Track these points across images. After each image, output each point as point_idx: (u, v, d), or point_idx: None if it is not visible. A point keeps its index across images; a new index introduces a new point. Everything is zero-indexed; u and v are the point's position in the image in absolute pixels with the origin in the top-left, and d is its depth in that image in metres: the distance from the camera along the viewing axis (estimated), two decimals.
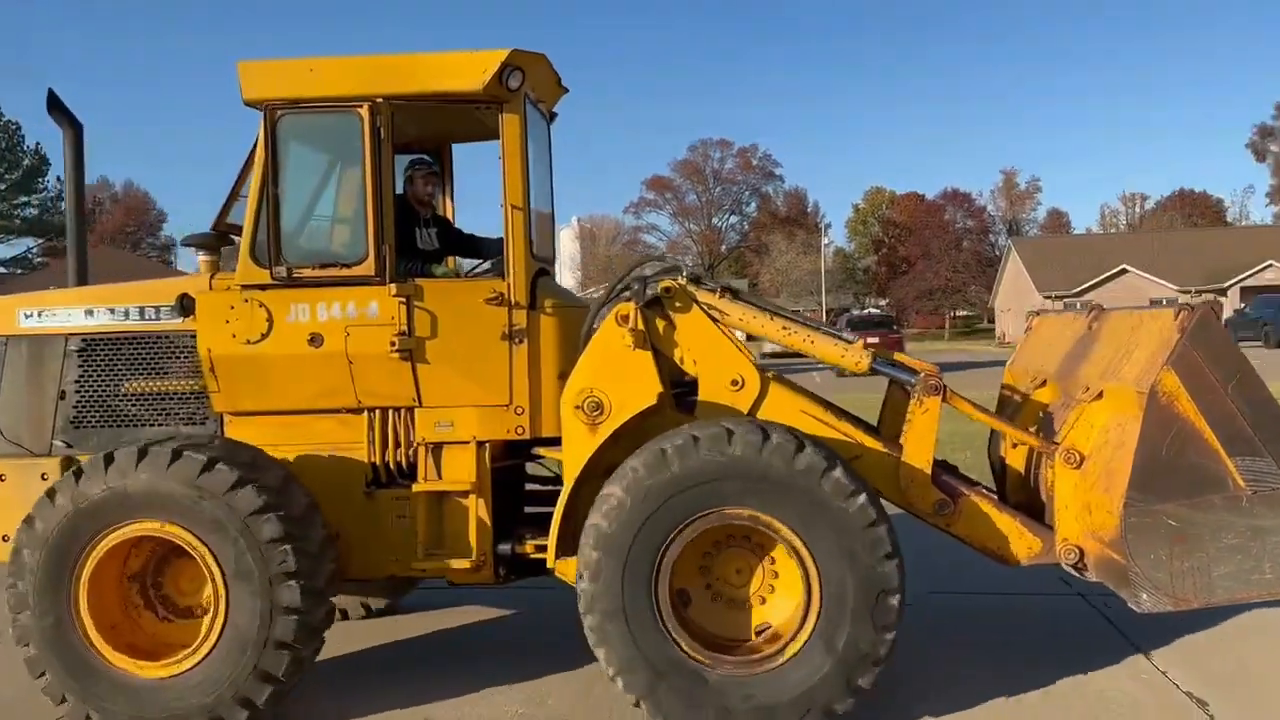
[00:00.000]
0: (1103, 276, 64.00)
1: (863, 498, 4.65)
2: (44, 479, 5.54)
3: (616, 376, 5.22)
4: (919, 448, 5.14)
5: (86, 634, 4.99)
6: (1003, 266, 74.93)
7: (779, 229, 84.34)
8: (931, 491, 5.15)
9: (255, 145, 5.55)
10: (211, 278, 5.58)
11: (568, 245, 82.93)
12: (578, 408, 5.21)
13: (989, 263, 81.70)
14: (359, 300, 5.39)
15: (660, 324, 5.33)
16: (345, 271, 5.41)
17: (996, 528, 5.11)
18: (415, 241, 5.92)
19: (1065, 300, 59.49)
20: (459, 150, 6.97)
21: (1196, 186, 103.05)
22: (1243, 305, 52.06)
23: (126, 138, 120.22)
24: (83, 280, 6.14)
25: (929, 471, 5.15)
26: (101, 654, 4.99)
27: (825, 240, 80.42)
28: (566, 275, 73.87)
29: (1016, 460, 5.69)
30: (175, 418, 5.64)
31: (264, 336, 5.42)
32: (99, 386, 5.65)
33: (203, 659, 4.95)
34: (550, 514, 6.02)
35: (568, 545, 5.20)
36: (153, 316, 5.62)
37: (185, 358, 5.59)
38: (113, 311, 5.65)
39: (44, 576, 4.97)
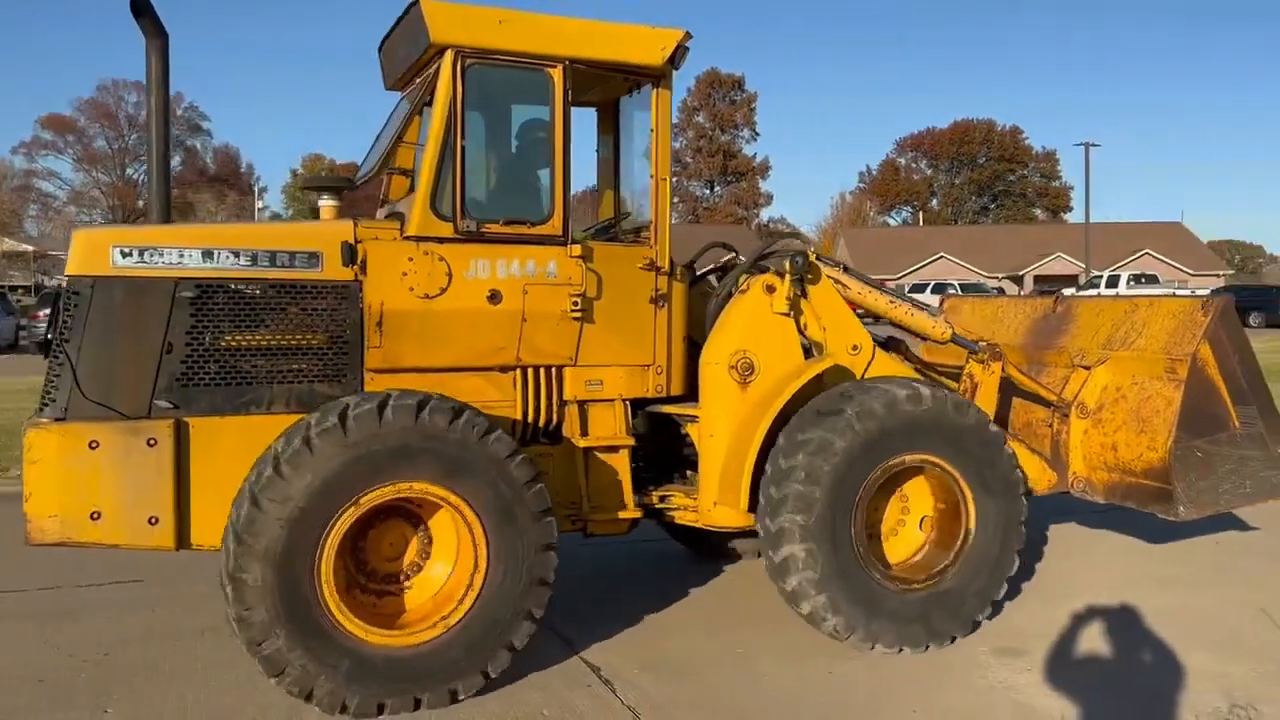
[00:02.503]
0: None
1: (1010, 449, 5.80)
2: (151, 445, 4.84)
3: (765, 341, 5.83)
4: (986, 403, 6.35)
5: (331, 610, 4.63)
6: None
7: (208, 188, 79.44)
8: None
9: (426, 92, 5.31)
10: (356, 225, 5.21)
11: None
12: (732, 368, 5.74)
13: None
14: (539, 259, 5.42)
15: (792, 293, 5.98)
16: (532, 230, 5.41)
17: (1026, 466, 6.48)
18: None
19: None
20: None
21: None
22: None
23: None
24: (166, 217, 5.29)
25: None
26: (351, 630, 4.67)
27: (260, 204, 77.34)
28: None
29: None
30: (305, 374, 5.14)
31: (443, 291, 5.25)
32: (216, 339, 4.98)
33: (463, 618, 4.84)
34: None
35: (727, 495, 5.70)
36: (285, 263, 5.11)
37: (326, 309, 5.15)
38: (237, 255, 5.02)
39: (285, 546, 4.52)
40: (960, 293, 39.44)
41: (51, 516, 4.71)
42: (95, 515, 4.74)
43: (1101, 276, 55.07)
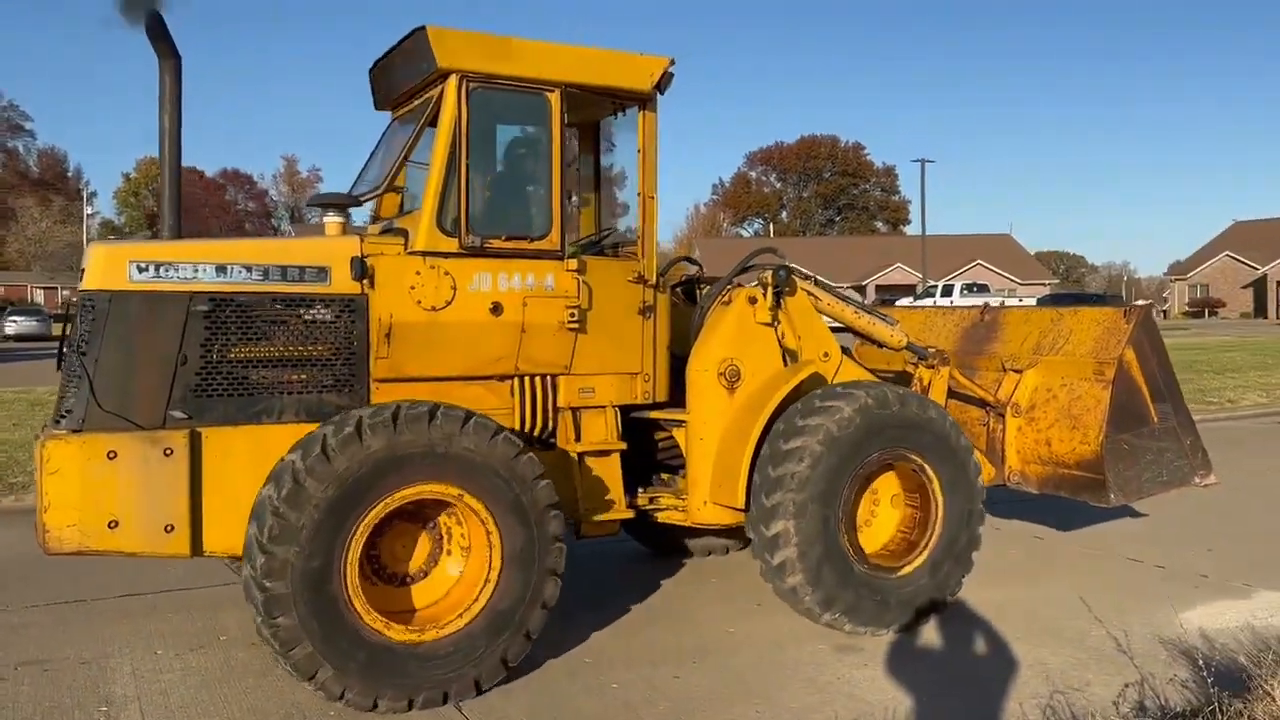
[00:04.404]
0: None
1: (965, 439, 6.29)
2: (168, 455, 4.90)
3: (749, 349, 6.24)
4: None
5: (350, 592, 4.79)
6: None
7: (31, 192, 75.69)
8: None
9: (430, 114, 5.50)
10: (362, 240, 5.35)
11: None
12: (721, 374, 6.09)
13: None
14: (537, 272, 5.65)
15: (773, 304, 6.34)
16: (532, 245, 5.64)
17: None
18: None
19: None
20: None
21: None
22: None
23: None
24: (178, 233, 5.31)
25: None
26: (367, 620, 4.83)
27: (89, 210, 73.92)
28: None
29: None
30: (314, 385, 5.25)
31: (448, 304, 5.44)
32: (229, 351, 5.07)
33: (479, 612, 5.06)
34: None
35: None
36: (296, 277, 5.22)
37: (334, 321, 5.27)
38: (250, 270, 5.12)
39: (326, 515, 4.70)
40: None
41: (70, 526, 4.73)
42: (113, 524, 4.78)
43: (936, 286, 57.72)
